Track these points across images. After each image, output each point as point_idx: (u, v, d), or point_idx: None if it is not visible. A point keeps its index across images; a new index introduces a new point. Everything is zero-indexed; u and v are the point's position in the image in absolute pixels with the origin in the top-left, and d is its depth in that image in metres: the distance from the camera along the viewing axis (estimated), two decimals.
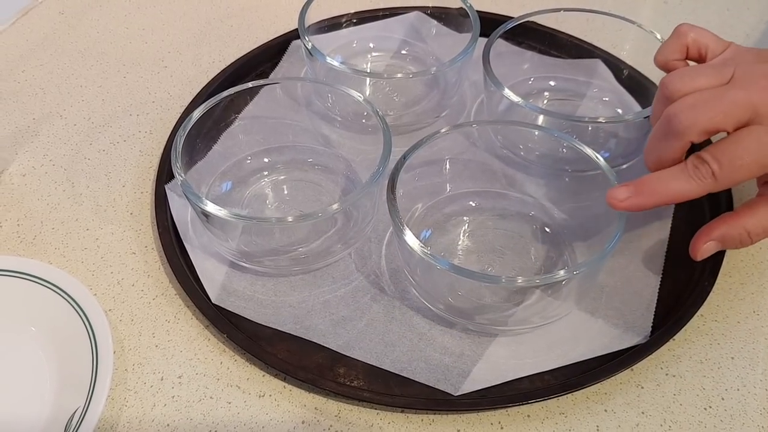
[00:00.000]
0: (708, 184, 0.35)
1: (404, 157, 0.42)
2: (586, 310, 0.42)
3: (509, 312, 0.40)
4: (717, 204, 0.47)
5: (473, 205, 0.48)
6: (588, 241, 0.43)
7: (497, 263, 0.44)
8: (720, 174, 0.35)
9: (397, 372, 0.40)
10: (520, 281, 0.36)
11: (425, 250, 0.37)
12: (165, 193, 0.48)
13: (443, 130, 0.44)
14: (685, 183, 0.36)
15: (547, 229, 0.46)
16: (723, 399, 0.39)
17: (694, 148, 0.38)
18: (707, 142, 0.39)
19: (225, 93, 0.46)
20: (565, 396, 0.39)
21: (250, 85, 0.47)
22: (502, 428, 0.38)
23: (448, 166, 0.47)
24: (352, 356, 0.41)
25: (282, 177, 0.50)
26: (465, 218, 0.47)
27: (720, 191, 0.37)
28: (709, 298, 0.42)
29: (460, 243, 0.46)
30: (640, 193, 0.37)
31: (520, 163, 0.48)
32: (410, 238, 0.38)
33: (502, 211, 0.47)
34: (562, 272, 0.36)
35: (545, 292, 0.40)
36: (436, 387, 0.39)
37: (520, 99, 0.46)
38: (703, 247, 0.39)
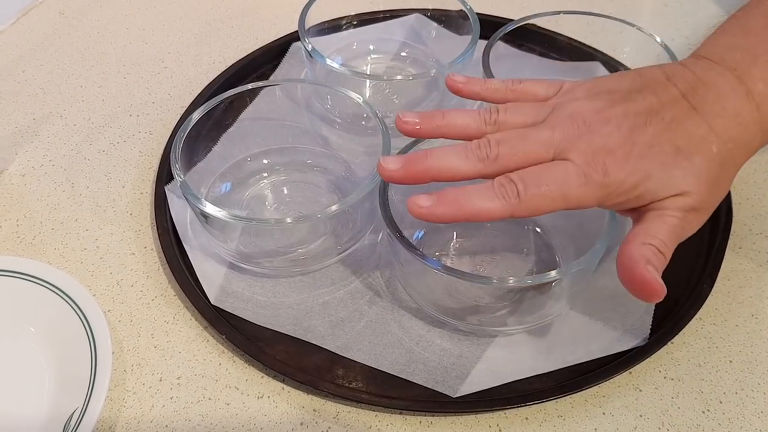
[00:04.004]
0: (512, 204, 0.34)
1: None
2: (585, 313, 0.42)
3: (502, 312, 0.40)
4: None
5: None
6: (580, 242, 0.43)
7: (490, 264, 0.44)
8: (524, 195, 0.34)
9: (395, 374, 0.40)
10: (511, 282, 0.36)
11: (417, 251, 0.37)
12: (165, 194, 0.48)
13: None
14: (489, 201, 0.34)
15: (539, 230, 0.46)
16: (721, 402, 0.39)
17: None
18: None
19: (225, 94, 0.47)
20: (563, 399, 0.39)
21: (250, 86, 0.47)
22: (500, 431, 0.38)
23: None
24: (350, 358, 0.41)
25: (281, 178, 0.50)
26: None
27: (528, 216, 0.36)
28: (707, 301, 0.42)
29: (453, 243, 0.46)
30: (441, 203, 0.35)
31: None
32: (402, 239, 0.38)
33: None
34: (553, 273, 0.36)
35: (537, 292, 0.40)
36: (435, 389, 0.39)
37: None
38: None
